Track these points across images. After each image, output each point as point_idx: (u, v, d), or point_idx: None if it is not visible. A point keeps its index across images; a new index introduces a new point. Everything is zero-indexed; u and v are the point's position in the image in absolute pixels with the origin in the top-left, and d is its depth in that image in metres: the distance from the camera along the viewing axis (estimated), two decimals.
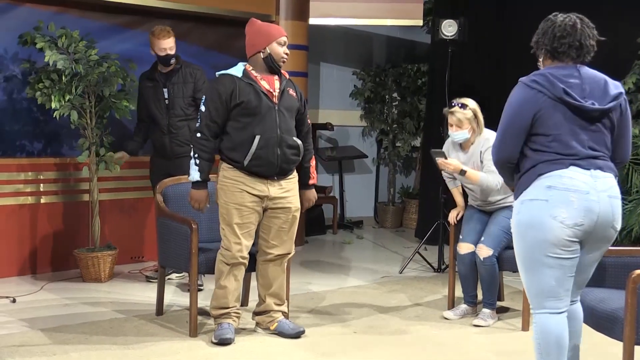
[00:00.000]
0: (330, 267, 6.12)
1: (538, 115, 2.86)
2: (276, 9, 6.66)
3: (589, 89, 2.88)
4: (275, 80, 4.00)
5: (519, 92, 2.93)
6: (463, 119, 4.41)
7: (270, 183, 3.97)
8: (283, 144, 3.95)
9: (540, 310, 2.95)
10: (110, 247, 5.40)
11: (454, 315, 4.58)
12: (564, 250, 2.85)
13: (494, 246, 4.33)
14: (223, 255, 3.98)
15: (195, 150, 3.93)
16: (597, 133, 2.89)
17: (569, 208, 2.81)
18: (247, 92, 3.90)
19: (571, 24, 2.90)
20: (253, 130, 3.89)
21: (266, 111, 3.92)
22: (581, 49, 2.90)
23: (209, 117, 3.90)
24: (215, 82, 3.95)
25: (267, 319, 4.18)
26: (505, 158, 2.95)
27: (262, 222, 4.04)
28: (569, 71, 2.90)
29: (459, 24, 5.95)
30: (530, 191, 2.89)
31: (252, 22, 4.05)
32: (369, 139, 8.55)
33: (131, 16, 5.98)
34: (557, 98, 2.84)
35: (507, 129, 2.93)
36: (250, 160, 3.90)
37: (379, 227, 8.29)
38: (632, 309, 3.00)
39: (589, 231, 2.85)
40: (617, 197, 2.89)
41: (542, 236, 2.84)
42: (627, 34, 5.64)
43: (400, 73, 8.22)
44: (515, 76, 3.05)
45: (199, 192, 3.98)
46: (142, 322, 4.36)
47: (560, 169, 2.85)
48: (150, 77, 5.22)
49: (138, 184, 5.94)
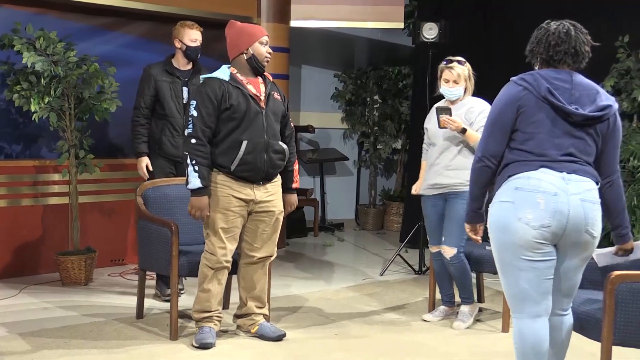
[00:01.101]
0: (312, 270, 6.12)
1: (521, 110, 2.87)
2: (257, 11, 6.67)
3: (578, 95, 2.88)
4: (260, 83, 4.00)
5: (507, 89, 2.95)
6: (462, 75, 4.35)
7: (255, 187, 3.97)
8: (270, 149, 3.94)
9: (518, 314, 2.94)
10: (90, 250, 5.37)
11: (433, 317, 4.60)
12: (535, 253, 2.84)
13: (456, 244, 4.33)
14: (207, 259, 3.96)
15: (193, 157, 3.81)
16: (580, 140, 2.88)
17: (535, 209, 2.80)
18: (236, 96, 3.89)
19: (565, 31, 2.91)
20: (240, 135, 3.88)
21: (254, 116, 3.91)
22: (577, 55, 2.91)
23: (202, 122, 3.83)
24: (204, 86, 3.89)
25: (248, 322, 4.18)
26: (490, 152, 2.93)
27: (246, 226, 4.04)
28: (562, 76, 2.91)
29: (440, 26, 5.98)
30: (500, 193, 2.92)
31: (232, 24, 4.04)
32: (350, 142, 8.56)
33: (111, 18, 5.95)
34: (542, 97, 2.85)
35: (494, 124, 2.94)
36: (237, 166, 3.88)
37: (360, 229, 8.31)
38: (610, 310, 3.03)
39: (559, 234, 2.83)
40: (592, 201, 2.86)
41: (510, 239, 2.85)
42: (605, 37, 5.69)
43: (381, 75, 8.25)
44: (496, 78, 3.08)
45: (201, 199, 3.85)
46: (122, 325, 4.34)
47: (529, 171, 2.86)
48: (168, 71, 4.97)
49: (118, 186, 5.92)
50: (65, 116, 5.20)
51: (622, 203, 3.02)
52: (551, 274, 2.90)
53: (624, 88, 5.60)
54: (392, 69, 8.22)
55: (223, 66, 4.01)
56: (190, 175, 3.82)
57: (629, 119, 5.69)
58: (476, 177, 2.99)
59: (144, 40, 6.14)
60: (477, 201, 3.01)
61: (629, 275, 3.06)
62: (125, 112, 5.71)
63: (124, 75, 5.73)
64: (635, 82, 5.51)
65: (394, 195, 8.39)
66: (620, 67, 5.62)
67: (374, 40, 8.54)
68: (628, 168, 5.50)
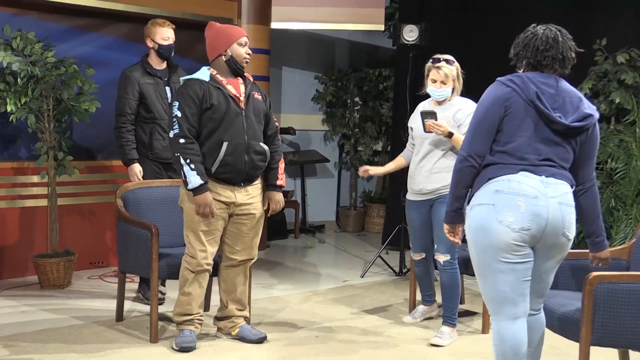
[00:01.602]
0: (292, 272, 6.12)
1: (508, 112, 2.87)
2: (238, 12, 6.66)
3: (562, 102, 2.89)
4: (240, 84, 3.99)
5: (494, 89, 2.94)
6: (450, 75, 4.22)
7: (236, 189, 3.96)
8: (250, 150, 3.93)
9: (497, 316, 2.95)
10: (69, 253, 5.33)
11: (413, 319, 4.58)
12: (514, 255, 2.85)
13: (449, 250, 4.21)
14: (188, 262, 3.94)
15: (186, 156, 3.78)
16: (559, 147, 2.90)
17: (516, 212, 2.81)
18: (217, 96, 3.88)
19: (553, 36, 2.91)
20: (221, 137, 3.87)
21: (234, 117, 3.90)
22: (564, 61, 2.93)
23: (187, 122, 3.81)
24: (185, 87, 3.88)
25: (229, 324, 4.17)
26: (475, 152, 2.91)
27: (227, 228, 4.02)
28: (549, 81, 2.92)
29: (420, 29, 6.01)
30: (479, 195, 2.91)
31: (211, 25, 4.02)
32: (331, 143, 8.57)
33: (90, 19, 5.90)
34: (529, 100, 2.86)
35: (480, 123, 2.93)
36: (218, 167, 3.87)
37: (341, 231, 8.32)
38: (588, 311, 3.06)
39: (538, 237, 2.85)
40: (568, 204, 2.89)
41: (490, 241, 2.85)
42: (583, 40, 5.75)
43: (362, 77, 8.27)
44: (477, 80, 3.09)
45: (205, 195, 3.80)
46: (102, 328, 4.31)
47: (509, 174, 2.86)
48: (150, 72, 4.87)
49: (98, 188, 5.88)
50: (44, 117, 5.16)
51: (597, 210, 3.05)
52: (529, 275, 2.91)
53: (601, 90, 5.65)
54: (372, 70, 8.24)
55: (203, 67, 4.00)
56: (188, 174, 3.78)
57: (607, 121, 5.75)
58: (460, 176, 2.96)
59: (123, 41, 6.10)
60: (459, 201, 3.00)
61: (607, 276, 3.09)
62: (104, 114, 5.68)
63: (103, 77, 5.70)
64: (613, 84, 5.57)
65: (374, 197, 8.41)
66: (598, 69, 5.67)
67: (355, 42, 8.56)
68: (606, 170, 5.56)
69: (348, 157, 8.46)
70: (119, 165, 5.97)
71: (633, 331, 3.06)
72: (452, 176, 3.01)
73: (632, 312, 3.05)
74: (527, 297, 2.94)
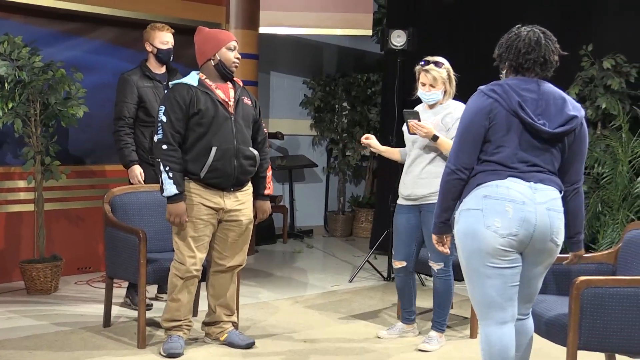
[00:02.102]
0: (281, 277, 6.12)
1: (492, 123, 2.87)
2: (226, 17, 6.66)
3: (544, 106, 2.88)
4: (229, 88, 3.98)
5: (476, 100, 2.93)
6: (438, 78, 4.14)
7: (225, 195, 3.94)
8: (240, 155, 3.92)
9: (485, 321, 2.96)
10: (56, 258, 5.30)
11: (389, 334, 4.43)
12: (502, 260, 2.85)
13: (443, 258, 4.16)
14: (177, 268, 3.93)
15: (166, 163, 3.76)
16: (546, 153, 2.90)
17: (504, 218, 2.82)
18: (205, 100, 3.86)
19: (535, 38, 2.90)
20: (210, 142, 3.85)
21: (223, 121, 3.88)
22: (545, 64, 2.91)
23: (172, 127, 3.80)
24: (172, 92, 3.86)
25: (217, 329, 4.16)
26: (463, 164, 2.91)
27: (216, 234, 4.01)
28: (529, 85, 2.90)
29: (408, 34, 6.04)
30: (468, 201, 2.91)
31: (200, 30, 4.02)
32: (319, 148, 8.58)
33: (78, 23, 5.89)
34: (512, 111, 2.84)
35: (464, 136, 2.92)
36: (207, 172, 3.86)
37: (329, 236, 8.32)
38: (575, 315, 3.08)
39: (526, 242, 2.85)
40: (557, 210, 2.89)
41: (478, 246, 2.86)
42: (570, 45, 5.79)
43: (350, 82, 8.29)
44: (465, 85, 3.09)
45: (178, 205, 3.80)
46: (89, 334, 4.29)
47: (498, 179, 2.87)
48: (149, 76, 4.86)
49: (85, 193, 5.86)
50: (31, 122, 5.14)
51: (583, 210, 3.07)
52: (517, 280, 2.92)
53: (588, 96, 5.69)
54: (360, 75, 8.26)
55: (192, 72, 3.99)
56: (165, 182, 3.78)
57: (594, 127, 5.78)
58: (448, 189, 2.95)
59: (111, 46, 6.10)
60: (447, 212, 2.99)
61: (594, 281, 3.12)
62: (92, 118, 5.68)
63: (91, 81, 5.69)
64: (599, 90, 5.60)
65: (362, 202, 8.42)
66: (584, 75, 5.71)
67: (343, 47, 8.58)
68: (593, 175, 5.60)
69: (336, 162, 8.47)
70: (107, 170, 5.99)
71: (620, 335, 3.08)
72: (440, 188, 3.00)
73: (618, 316, 3.07)
74: (515, 302, 2.95)
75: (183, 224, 3.84)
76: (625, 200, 5.37)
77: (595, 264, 3.67)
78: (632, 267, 3.53)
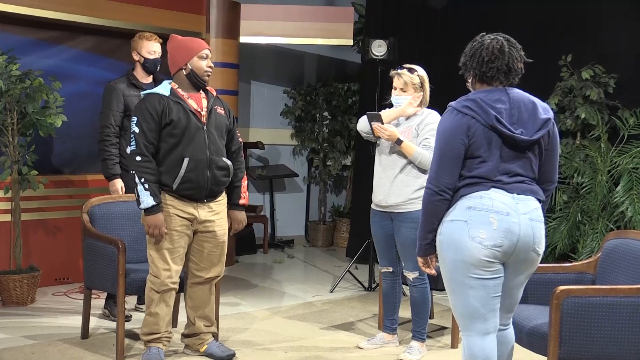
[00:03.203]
0: (261, 287, 6.10)
1: (471, 141, 2.85)
2: (206, 26, 6.66)
3: (517, 114, 2.88)
4: (202, 98, 3.95)
5: (451, 119, 2.89)
6: (409, 83, 4.21)
7: (199, 206, 3.92)
8: (213, 166, 3.89)
9: (467, 332, 2.95)
10: (33, 269, 5.25)
11: (369, 345, 4.43)
12: (485, 271, 2.85)
13: (417, 268, 4.14)
14: (152, 282, 3.89)
15: (141, 175, 3.73)
16: (524, 160, 2.91)
17: (488, 229, 2.82)
18: (177, 111, 3.83)
19: (499, 47, 2.89)
20: (182, 152, 3.82)
21: (195, 132, 3.85)
22: (509, 72, 2.90)
23: (145, 138, 3.77)
24: (144, 102, 3.84)
25: (196, 341, 4.13)
26: (445, 184, 2.87)
27: (192, 246, 3.98)
28: (498, 95, 2.90)
29: (389, 44, 6.06)
30: (452, 212, 2.90)
31: (172, 39, 3.97)
32: (300, 158, 8.58)
33: (56, 31, 5.85)
34: (490, 126, 2.84)
35: (443, 157, 2.88)
36: (180, 184, 3.83)
37: (310, 246, 8.31)
38: (555, 325, 3.10)
39: (509, 252, 2.86)
40: (538, 220, 2.90)
41: (461, 257, 2.85)
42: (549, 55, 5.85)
43: (330, 92, 8.30)
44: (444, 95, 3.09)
45: (156, 216, 3.76)
46: (67, 346, 4.25)
47: (481, 190, 2.86)
48: (136, 85, 4.82)
49: (63, 203, 5.81)
50: (8, 131, 5.09)
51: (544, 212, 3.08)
52: (499, 291, 2.92)
53: (567, 106, 5.75)
54: (341, 85, 8.27)
55: (164, 81, 3.96)
56: (142, 194, 3.75)
57: (573, 137, 5.84)
58: (432, 210, 2.92)
59: (90, 54, 6.06)
60: (432, 233, 2.96)
61: (574, 290, 3.14)
62: (71, 128, 5.64)
63: (70, 90, 5.66)
64: (579, 100, 5.66)
65: (343, 212, 8.42)
66: (564, 85, 5.77)
67: (324, 57, 8.60)
68: (572, 184, 5.65)
69: (317, 171, 8.47)
70: (85, 179, 5.94)
71: (600, 345, 3.10)
72: (423, 209, 2.97)
73: (598, 325, 3.09)
74: (498, 313, 2.95)
75: (162, 235, 3.81)
76: (604, 210, 5.42)
77: (575, 274, 3.69)
78: (611, 277, 3.56)
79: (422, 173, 4.13)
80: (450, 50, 6.74)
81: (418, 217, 4.05)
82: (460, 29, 6.57)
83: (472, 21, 6.42)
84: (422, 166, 4.12)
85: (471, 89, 3.02)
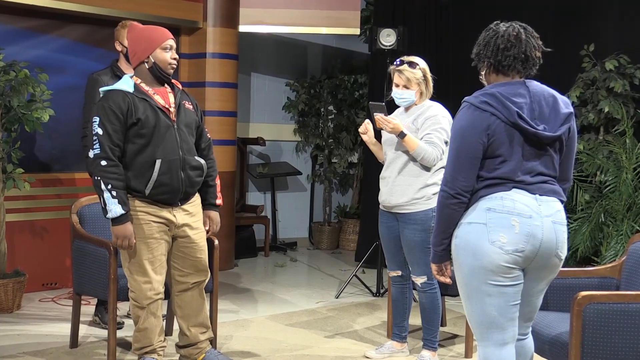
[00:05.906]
0: (262, 292, 6.10)
1: (491, 140, 2.81)
2: (204, 15, 6.65)
3: (539, 109, 2.86)
4: (168, 93, 3.86)
5: (469, 116, 2.85)
6: (412, 79, 4.18)
7: (174, 210, 3.84)
8: (187, 166, 3.81)
9: (484, 342, 2.92)
10: (18, 274, 5.26)
11: (378, 354, 4.41)
12: (504, 277, 2.82)
13: (424, 271, 4.15)
14: (134, 298, 3.80)
15: (107, 181, 3.60)
16: (546, 157, 2.89)
17: (510, 233, 2.78)
18: (143, 108, 3.72)
19: (515, 34, 2.86)
20: (152, 154, 3.73)
21: (165, 130, 3.76)
22: (527, 61, 2.87)
23: (110, 140, 3.65)
24: (107, 100, 3.71)
25: (193, 351, 4.09)
26: (463, 187, 2.83)
27: (172, 252, 3.91)
28: (517, 88, 2.87)
29: (398, 33, 6.05)
30: (470, 214, 2.87)
31: (132, 28, 3.86)
32: (303, 155, 8.59)
33: (43, 20, 5.86)
34: (511, 122, 2.80)
35: (460, 158, 2.85)
36: (152, 188, 3.73)
37: (314, 248, 8.32)
38: (577, 333, 3.08)
39: (531, 258, 2.83)
40: (562, 223, 2.88)
41: (480, 262, 2.81)
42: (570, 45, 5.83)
43: (336, 84, 8.30)
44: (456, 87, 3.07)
45: (125, 226, 3.65)
46: (54, 355, 4.26)
47: (502, 191, 2.83)
48: (119, 76, 4.69)
49: (51, 203, 5.82)
50: None
51: None
52: (519, 299, 2.89)
53: (590, 99, 5.73)
54: (347, 77, 8.27)
55: (125, 76, 3.86)
56: (109, 202, 3.63)
57: (596, 132, 5.82)
58: (449, 214, 2.88)
59: (79, 44, 6.07)
60: (447, 239, 2.92)
61: (597, 296, 3.12)
62: (59, 122, 5.65)
63: (58, 83, 5.67)
64: (601, 92, 5.64)
65: (350, 212, 8.42)
66: (585, 77, 5.75)
67: (329, 47, 8.60)
68: (595, 183, 5.63)
69: (322, 169, 8.47)
70: (75, 178, 5.95)
71: (624, 353, 3.08)
72: (437, 214, 2.94)
73: (623, 334, 3.08)
74: (516, 322, 2.92)
75: (132, 247, 3.73)
76: (629, 210, 5.40)
77: (598, 278, 3.68)
78: (637, 282, 3.55)
79: (425, 170, 4.13)
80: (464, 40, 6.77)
81: (422, 218, 4.11)
82: (474, 18, 6.57)
83: (487, 10, 6.41)
84: (424, 163, 4.11)
85: (485, 82, 2.99)
